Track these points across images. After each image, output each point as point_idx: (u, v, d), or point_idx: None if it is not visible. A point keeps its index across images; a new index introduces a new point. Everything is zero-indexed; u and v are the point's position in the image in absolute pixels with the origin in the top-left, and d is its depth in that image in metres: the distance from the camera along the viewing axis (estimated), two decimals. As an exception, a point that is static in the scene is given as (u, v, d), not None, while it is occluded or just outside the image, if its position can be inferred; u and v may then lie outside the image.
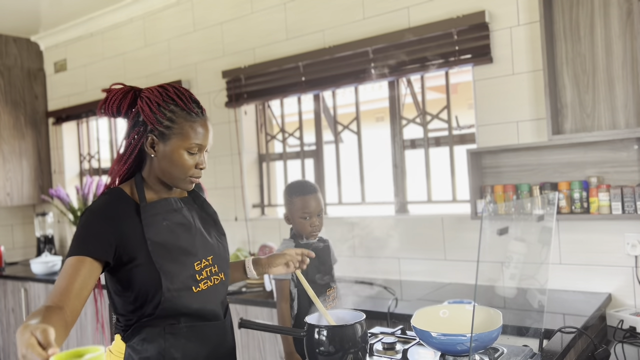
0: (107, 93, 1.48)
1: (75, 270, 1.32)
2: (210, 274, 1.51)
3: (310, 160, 3.45)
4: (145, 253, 1.41)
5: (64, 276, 1.31)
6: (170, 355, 1.44)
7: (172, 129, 1.42)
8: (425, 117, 2.97)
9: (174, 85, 1.48)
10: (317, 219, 2.01)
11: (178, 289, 1.43)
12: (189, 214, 1.55)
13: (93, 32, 4.40)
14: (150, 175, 1.49)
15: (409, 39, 2.80)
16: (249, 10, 3.48)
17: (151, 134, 1.43)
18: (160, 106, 1.43)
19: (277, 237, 3.36)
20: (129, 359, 1.46)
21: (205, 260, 1.51)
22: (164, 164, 1.45)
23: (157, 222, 1.45)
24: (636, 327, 2.12)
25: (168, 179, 1.47)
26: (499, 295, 1.84)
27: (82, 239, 1.37)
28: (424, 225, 2.87)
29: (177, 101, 1.43)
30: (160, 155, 1.45)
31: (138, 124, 1.46)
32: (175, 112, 1.43)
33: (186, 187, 1.50)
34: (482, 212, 1.42)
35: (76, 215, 4.02)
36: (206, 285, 1.49)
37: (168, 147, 1.43)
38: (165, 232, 1.45)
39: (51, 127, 4.75)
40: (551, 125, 2.40)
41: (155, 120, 1.42)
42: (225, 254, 1.59)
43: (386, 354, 1.72)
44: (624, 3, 2.32)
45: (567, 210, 2.40)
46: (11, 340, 4.02)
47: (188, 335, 1.47)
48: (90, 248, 1.35)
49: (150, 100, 1.43)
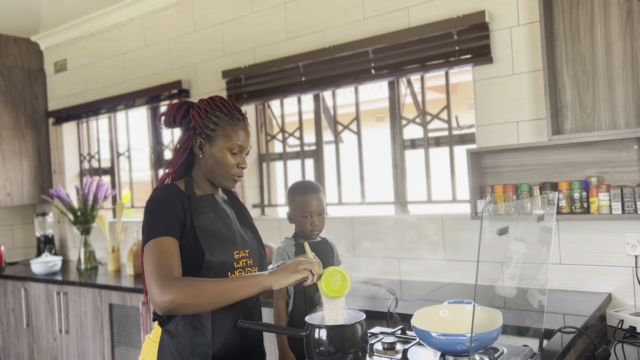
0: (168, 107, 1.70)
1: (164, 249, 1.48)
2: (246, 265, 1.64)
3: (310, 160, 3.45)
4: (193, 238, 1.55)
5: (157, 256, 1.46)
6: (201, 339, 1.55)
7: (217, 132, 1.62)
8: (425, 117, 2.97)
9: (222, 97, 1.69)
10: (317, 219, 2.03)
11: (218, 268, 1.56)
12: (230, 211, 1.71)
13: (93, 32, 4.40)
14: (199, 175, 1.67)
15: (409, 39, 2.81)
16: (249, 10, 3.48)
17: (199, 137, 1.63)
18: (208, 112, 1.63)
19: (277, 237, 3.36)
20: (163, 342, 1.57)
21: (243, 252, 1.65)
22: (210, 162, 1.64)
23: (205, 213, 1.62)
24: (636, 327, 2.12)
25: (213, 176, 1.65)
26: (499, 295, 1.84)
27: (157, 222, 1.52)
28: (424, 225, 2.87)
29: (222, 108, 1.63)
30: (207, 155, 1.64)
31: (189, 129, 1.66)
32: (220, 117, 1.63)
33: (229, 185, 1.67)
34: (482, 212, 1.42)
35: (76, 215, 4.02)
36: (240, 274, 1.60)
37: (213, 147, 1.62)
38: (211, 221, 1.62)
39: (51, 127, 4.75)
40: (551, 125, 2.40)
41: (203, 125, 1.62)
42: (261, 252, 1.72)
43: (386, 354, 1.72)
44: (624, 3, 2.32)
45: (567, 210, 2.40)
46: (11, 340, 4.03)
47: (219, 320, 1.57)
48: (167, 228, 1.51)
49: (200, 109, 1.64)
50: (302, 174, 3.46)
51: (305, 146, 3.47)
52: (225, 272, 1.58)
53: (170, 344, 1.56)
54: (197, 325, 1.56)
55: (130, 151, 4.39)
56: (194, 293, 1.41)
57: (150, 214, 1.55)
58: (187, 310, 1.41)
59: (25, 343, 3.92)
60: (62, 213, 4.11)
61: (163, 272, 1.44)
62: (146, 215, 1.56)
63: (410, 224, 2.92)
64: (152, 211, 1.55)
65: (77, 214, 4.02)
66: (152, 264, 1.45)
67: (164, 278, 1.43)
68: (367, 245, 3.05)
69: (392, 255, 2.97)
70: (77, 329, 3.56)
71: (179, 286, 1.41)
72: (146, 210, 1.57)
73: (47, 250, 4.41)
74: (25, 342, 3.93)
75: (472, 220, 2.63)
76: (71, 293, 3.57)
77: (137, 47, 4.10)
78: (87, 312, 3.50)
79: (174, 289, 1.40)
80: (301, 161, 3.47)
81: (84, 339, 3.54)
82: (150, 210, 1.56)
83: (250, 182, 3.60)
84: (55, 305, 3.66)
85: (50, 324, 3.73)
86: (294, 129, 3.49)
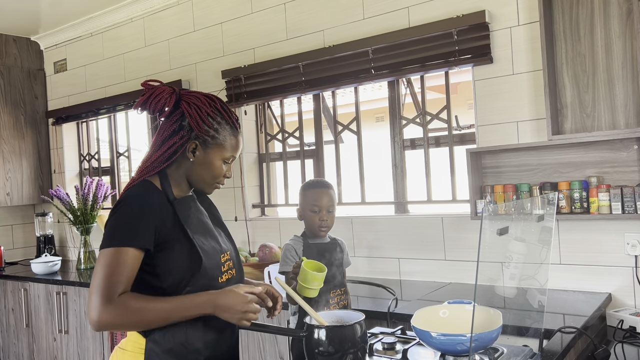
0: (150, 90, 1.52)
1: (122, 262, 1.37)
2: (229, 267, 1.59)
3: (310, 160, 3.45)
4: (182, 241, 1.46)
5: (111, 268, 1.36)
6: (192, 346, 1.48)
7: (216, 139, 1.51)
8: (425, 117, 2.97)
9: (220, 98, 1.57)
10: (327, 214, 2.02)
11: (211, 273, 1.49)
12: (205, 215, 1.63)
13: (93, 32, 4.39)
14: (177, 174, 1.55)
15: (409, 38, 2.80)
16: (249, 10, 3.48)
17: (196, 141, 1.51)
18: (210, 116, 1.51)
19: (277, 237, 3.36)
20: (150, 352, 1.46)
21: (226, 255, 1.59)
22: (199, 169, 1.53)
23: (191, 216, 1.54)
24: (636, 327, 2.12)
25: (196, 181, 1.56)
26: (499, 295, 1.84)
27: (126, 228, 1.40)
28: (424, 225, 2.87)
29: (224, 114, 1.53)
30: (198, 161, 1.52)
31: (183, 128, 1.51)
32: (221, 124, 1.52)
33: (209, 192, 1.60)
34: (482, 212, 1.42)
35: (76, 215, 4.02)
36: (226, 277, 1.56)
37: (208, 154, 1.52)
38: (199, 225, 1.55)
39: (51, 127, 4.75)
40: (551, 125, 2.40)
41: (202, 129, 1.49)
42: (237, 252, 1.67)
43: (386, 354, 1.72)
44: (624, 3, 2.31)
45: (567, 210, 2.40)
46: (11, 341, 4.03)
47: (208, 325, 1.51)
48: (135, 238, 1.39)
49: (200, 109, 1.50)
50: (302, 174, 3.46)
51: (305, 146, 3.46)
52: (216, 277, 1.51)
53: (160, 353, 1.46)
54: (189, 330, 1.48)
55: (130, 151, 4.39)
56: (132, 319, 1.37)
57: (120, 215, 1.42)
58: (120, 330, 1.37)
59: (25, 343, 3.92)
60: (62, 213, 4.11)
61: (109, 289, 1.35)
62: (115, 216, 1.43)
63: (410, 224, 2.92)
64: (123, 213, 1.42)
65: (77, 214, 4.02)
66: (103, 276, 1.36)
67: (109, 296, 1.34)
68: (367, 245, 3.05)
69: (392, 255, 2.97)
70: (77, 329, 3.56)
71: (119, 309, 1.35)
72: (117, 210, 1.44)
73: (47, 251, 4.41)
74: (25, 342, 3.92)
75: (472, 220, 2.63)
76: (71, 293, 3.57)
77: (137, 47, 4.10)
78: (87, 312, 3.49)
79: (114, 311, 1.34)
80: (301, 161, 3.47)
81: (83, 339, 3.54)
82: (122, 212, 1.43)
83: (250, 182, 3.60)
84: (55, 305, 3.65)
85: (50, 324, 3.73)
86: (294, 129, 3.49)
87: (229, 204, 3.58)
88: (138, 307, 1.37)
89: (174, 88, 1.55)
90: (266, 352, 2.63)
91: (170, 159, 1.52)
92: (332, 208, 2.04)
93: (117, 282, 1.36)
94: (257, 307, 1.48)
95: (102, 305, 1.34)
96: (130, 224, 1.41)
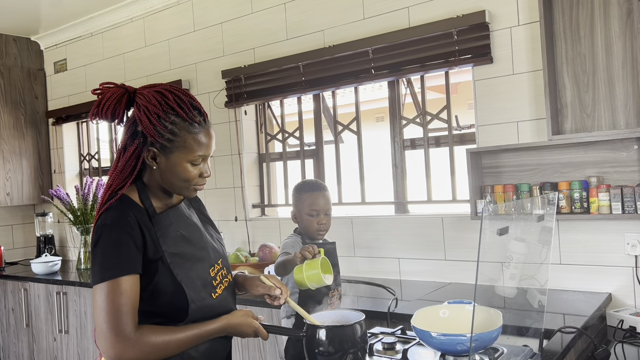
0: (99, 96, 1.39)
1: (124, 292, 1.29)
2: (222, 277, 1.52)
3: (310, 160, 3.45)
4: (163, 266, 1.36)
5: (113, 302, 1.28)
6: (188, 355, 1.41)
7: (174, 142, 1.35)
8: (425, 117, 2.97)
9: (173, 88, 1.39)
10: (324, 217, 1.99)
11: (202, 298, 1.41)
12: (191, 213, 1.54)
13: (93, 32, 4.39)
14: (152, 182, 1.43)
15: (409, 38, 2.80)
16: (249, 10, 3.48)
17: (152, 147, 1.36)
18: (161, 118, 1.34)
19: (277, 237, 3.36)
20: None
21: (217, 265, 1.50)
22: (166, 176, 1.39)
23: (172, 233, 1.41)
24: (636, 327, 2.12)
25: (169, 188, 1.43)
26: (499, 295, 1.84)
27: (114, 258, 1.30)
28: (424, 225, 2.87)
29: (178, 111, 1.35)
30: (162, 168, 1.38)
31: (137, 135, 1.37)
32: (176, 123, 1.35)
33: (190, 195, 1.46)
34: (482, 212, 1.42)
35: (76, 215, 4.01)
36: (221, 288, 1.50)
37: (170, 160, 1.37)
38: (180, 242, 1.42)
39: (51, 127, 4.75)
40: (551, 125, 2.40)
41: (155, 134, 1.34)
42: (226, 254, 1.61)
43: (386, 354, 1.72)
44: (624, 3, 2.31)
45: (567, 210, 2.40)
46: (11, 340, 4.03)
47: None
48: (125, 265, 1.30)
49: (149, 111, 1.34)
50: (302, 174, 3.46)
51: (305, 146, 3.46)
52: (209, 296, 1.43)
53: None
54: None
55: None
56: (156, 355, 1.31)
57: (103, 246, 1.31)
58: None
59: (25, 343, 3.92)
60: (62, 213, 4.11)
61: (121, 325, 1.26)
62: (98, 248, 1.31)
63: (410, 224, 2.92)
64: (107, 242, 1.31)
65: (77, 214, 4.02)
66: (108, 312, 1.26)
67: (123, 332, 1.26)
68: (367, 245, 3.05)
69: (392, 255, 2.96)
70: (77, 329, 3.56)
71: (144, 347, 1.28)
72: (99, 238, 1.31)
73: (47, 251, 4.41)
74: (25, 342, 3.92)
75: (472, 220, 2.63)
76: (71, 293, 3.57)
77: (137, 47, 4.10)
78: (87, 312, 3.50)
79: (139, 349, 1.27)
80: (301, 161, 3.47)
81: (83, 339, 3.54)
82: (105, 240, 1.31)
83: (250, 182, 3.60)
84: (55, 305, 3.65)
85: (50, 324, 3.73)
86: (294, 129, 3.49)
87: (229, 204, 3.58)
88: (160, 342, 1.31)
89: (126, 88, 1.40)
90: (266, 352, 2.63)
91: (134, 170, 1.39)
92: (329, 211, 2.01)
93: (125, 315, 1.28)
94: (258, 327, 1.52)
95: (119, 342, 1.26)
96: (116, 252, 1.30)
